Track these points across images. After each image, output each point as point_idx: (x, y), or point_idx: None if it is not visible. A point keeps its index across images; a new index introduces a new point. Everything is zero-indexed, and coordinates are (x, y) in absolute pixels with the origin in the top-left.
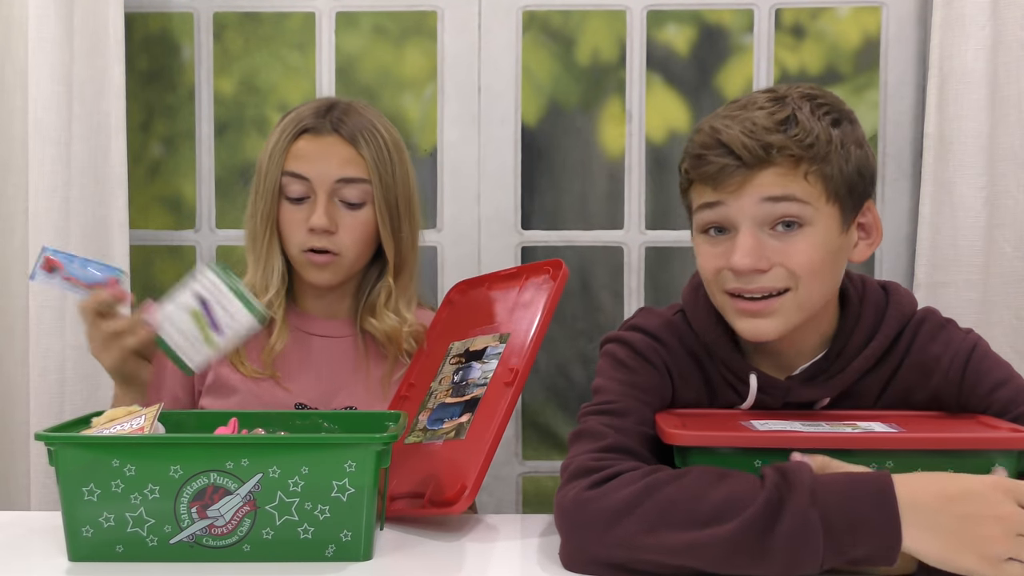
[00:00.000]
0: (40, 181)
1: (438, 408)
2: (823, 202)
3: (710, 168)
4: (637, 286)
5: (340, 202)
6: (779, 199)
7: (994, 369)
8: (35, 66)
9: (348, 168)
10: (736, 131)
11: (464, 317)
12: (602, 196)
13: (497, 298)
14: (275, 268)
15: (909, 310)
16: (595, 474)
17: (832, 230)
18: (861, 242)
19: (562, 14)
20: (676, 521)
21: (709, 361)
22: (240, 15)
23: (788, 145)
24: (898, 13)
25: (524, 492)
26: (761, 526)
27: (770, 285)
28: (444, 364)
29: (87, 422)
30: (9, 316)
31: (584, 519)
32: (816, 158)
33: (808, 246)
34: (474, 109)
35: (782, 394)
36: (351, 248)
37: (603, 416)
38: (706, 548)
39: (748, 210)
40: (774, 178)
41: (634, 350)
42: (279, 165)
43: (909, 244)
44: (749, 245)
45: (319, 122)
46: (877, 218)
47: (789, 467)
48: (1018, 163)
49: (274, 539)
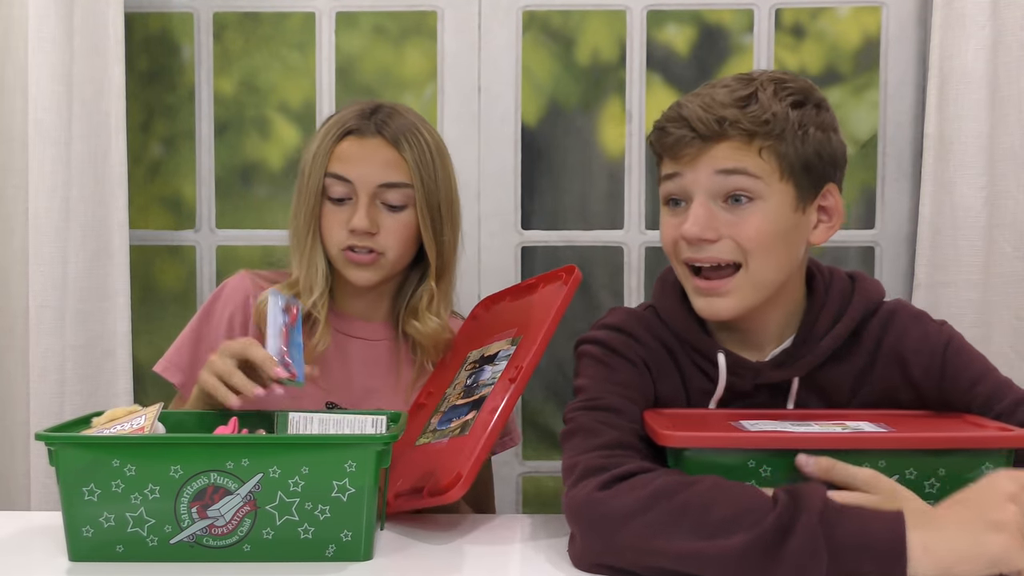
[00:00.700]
0: (40, 181)
1: (449, 410)
2: (776, 179)
3: (669, 139)
4: (637, 286)
5: (382, 204)
6: (731, 172)
7: (972, 363)
8: (35, 66)
9: (391, 171)
10: (695, 105)
11: (484, 329)
12: (602, 196)
13: (515, 308)
14: (319, 268)
15: (876, 296)
16: (605, 473)
17: (785, 207)
18: (822, 224)
19: (562, 14)
20: (685, 529)
21: (680, 350)
22: (240, 15)
23: (741, 119)
24: (898, 13)
25: (524, 492)
26: (770, 543)
27: (718, 256)
28: (460, 372)
29: (87, 422)
30: (9, 316)
31: (596, 520)
32: (770, 135)
33: (758, 220)
34: (474, 109)
35: (752, 375)
36: (393, 249)
37: (594, 412)
38: (711, 560)
39: (702, 182)
40: (728, 151)
41: (610, 348)
42: (322, 166)
43: (909, 244)
44: (699, 214)
45: (363, 124)
46: (839, 202)
47: (800, 489)
48: (1018, 163)
49: (274, 539)
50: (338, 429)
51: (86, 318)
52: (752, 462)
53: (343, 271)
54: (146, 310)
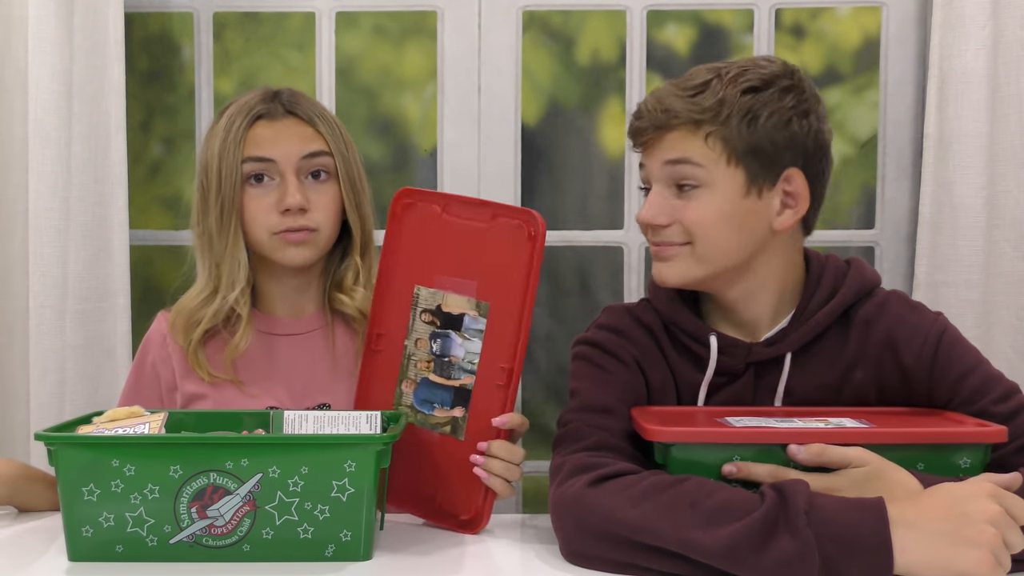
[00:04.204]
0: (40, 181)
1: (423, 384)
2: (723, 164)
3: (631, 130)
4: (637, 286)
5: (308, 178)
6: (676, 162)
7: (964, 356)
8: (35, 66)
9: (310, 143)
10: (652, 96)
11: (423, 250)
12: (602, 196)
13: (461, 234)
14: (240, 263)
15: (871, 278)
16: (592, 471)
17: (733, 192)
18: (787, 211)
19: (562, 14)
20: (673, 524)
21: (667, 340)
22: (240, 15)
23: (683, 110)
24: (898, 13)
25: (524, 492)
26: (756, 539)
27: (671, 239)
28: (414, 317)
29: (87, 422)
30: (9, 316)
31: (584, 516)
32: (714, 120)
33: (701, 206)
34: (474, 109)
35: (744, 354)
36: (325, 223)
37: (585, 415)
38: (699, 552)
39: (655, 170)
40: (674, 142)
41: (605, 350)
42: (237, 155)
43: (909, 244)
44: (653, 202)
45: (271, 107)
46: (804, 188)
47: (786, 486)
48: (1018, 163)
49: (274, 539)
50: (332, 427)
51: (86, 318)
52: (737, 457)
53: (277, 256)
54: (146, 310)
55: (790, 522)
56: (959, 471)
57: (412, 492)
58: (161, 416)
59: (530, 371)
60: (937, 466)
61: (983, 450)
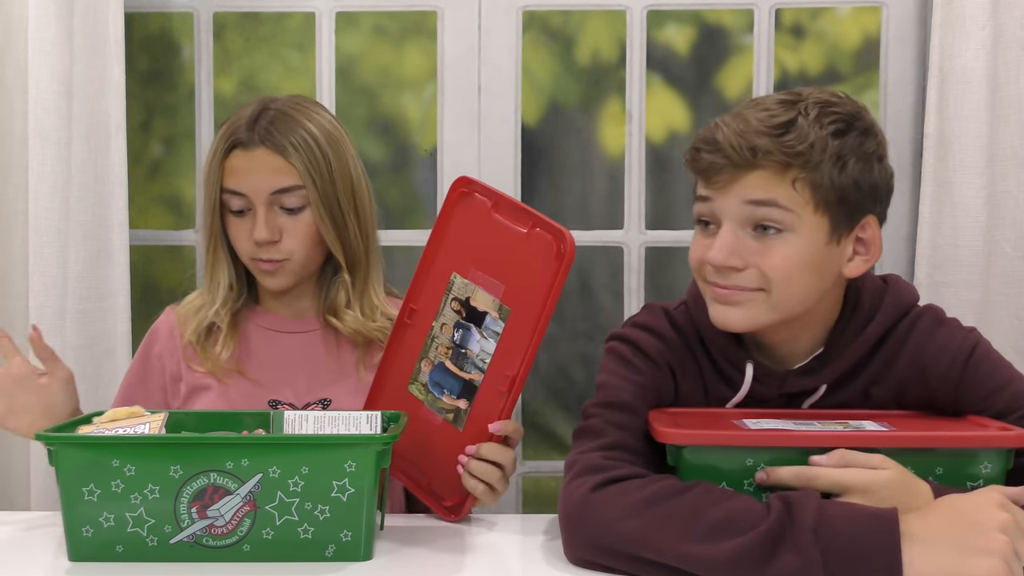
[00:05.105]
0: (40, 181)
1: (438, 368)
2: (809, 211)
3: (701, 164)
4: (637, 286)
5: (281, 209)
6: (761, 203)
7: (994, 373)
8: (35, 66)
9: (281, 177)
10: (730, 130)
11: (467, 241)
12: (602, 196)
13: (502, 236)
14: (220, 283)
15: (908, 300)
16: (600, 474)
17: (817, 240)
18: (857, 257)
19: (562, 14)
20: (674, 535)
21: (703, 353)
22: (240, 15)
23: (774, 150)
24: (898, 13)
25: (524, 492)
26: (760, 554)
27: (743, 284)
28: (445, 302)
29: (87, 422)
30: (9, 316)
31: (585, 524)
32: (806, 166)
33: (786, 252)
34: (474, 109)
35: (778, 384)
36: (298, 251)
37: (607, 411)
38: (700, 565)
39: (731, 209)
40: (759, 181)
41: (639, 349)
42: (217, 182)
43: (909, 244)
44: (726, 242)
45: (248, 135)
46: (877, 235)
47: (794, 499)
48: (1018, 163)
49: (274, 539)
50: (333, 427)
51: (86, 318)
52: (750, 460)
53: (257, 278)
54: (146, 310)
55: (795, 538)
56: (980, 477)
57: (407, 462)
58: (161, 416)
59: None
60: (957, 471)
61: (1005, 455)
